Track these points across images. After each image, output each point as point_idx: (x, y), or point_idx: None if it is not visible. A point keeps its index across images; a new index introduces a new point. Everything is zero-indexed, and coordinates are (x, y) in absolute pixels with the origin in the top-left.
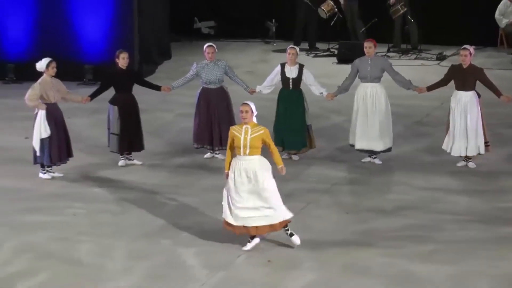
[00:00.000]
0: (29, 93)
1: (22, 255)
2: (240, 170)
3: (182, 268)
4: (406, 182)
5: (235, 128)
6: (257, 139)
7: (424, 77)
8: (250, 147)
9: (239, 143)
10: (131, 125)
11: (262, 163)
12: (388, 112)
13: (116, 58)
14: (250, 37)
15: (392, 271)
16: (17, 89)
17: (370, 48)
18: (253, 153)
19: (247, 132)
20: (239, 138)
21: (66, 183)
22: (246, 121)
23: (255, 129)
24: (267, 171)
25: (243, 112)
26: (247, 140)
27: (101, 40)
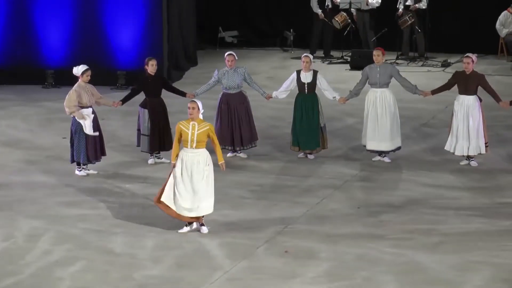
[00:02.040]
0: (67, 100)
1: (61, 246)
2: (187, 162)
3: (207, 257)
4: (413, 179)
5: (183, 124)
6: (203, 134)
7: (430, 82)
8: (197, 141)
9: (187, 138)
10: (160, 127)
11: (206, 156)
12: (397, 114)
13: (146, 65)
14: (270, 45)
15: (401, 260)
16: (56, 93)
17: (379, 56)
18: (199, 146)
19: (194, 127)
20: (187, 134)
21: (100, 180)
22: (192, 117)
23: (201, 125)
24: (208, 165)
25: (190, 108)
26: (194, 135)
27: (133, 48)
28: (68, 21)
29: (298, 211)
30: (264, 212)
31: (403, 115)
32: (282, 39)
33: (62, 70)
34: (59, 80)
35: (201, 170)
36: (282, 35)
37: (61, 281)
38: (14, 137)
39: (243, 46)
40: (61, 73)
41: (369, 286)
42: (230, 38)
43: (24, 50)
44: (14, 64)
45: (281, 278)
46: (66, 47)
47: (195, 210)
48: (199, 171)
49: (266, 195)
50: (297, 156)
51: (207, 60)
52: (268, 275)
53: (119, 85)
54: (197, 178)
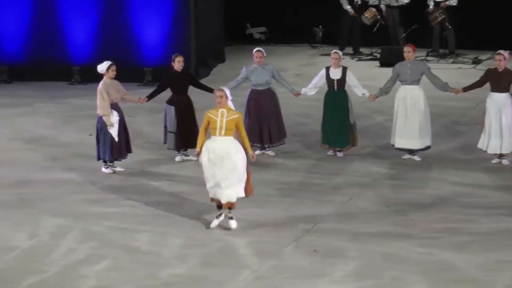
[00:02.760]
0: (100, 101)
1: (86, 243)
2: (215, 149)
3: (234, 256)
4: (443, 177)
5: (211, 112)
6: (232, 122)
7: (461, 80)
8: (226, 128)
9: (215, 125)
10: (187, 124)
11: (236, 143)
12: (427, 112)
13: (172, 62)
14: (298, 42)
15: (429, 260)
16: (82, 89)
17: (409, 53)
18: (227, 134)
19: (223, 115)
20: (216, 121)
21: (126, 177)
22: (221, 105)
23: (231, 113)
24: (239, 152)
25: (218, 97)
26: (223, 122)
27: (160, 44)
28: (94, 17)
29: (326, 209)
30: (292, 210)
31: (433, 112)
32: (311, 36)
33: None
34: (85, 77)
35: (229, 155)
36: (311, 32)
37: (86, 279)
38: (39, 134)
39: (271, 42)
40: (87, 70)
41: (397, 286)
42: (258, 34)
43: (50, 46)
44: (40, 61)
45: (309, 277)
46: (92, 44)
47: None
48: (229, 157)
49: (294, 193)
50: (326, 154)
51: (234, 57)
52: (296, 274)
53: (145, 82)
54: (227, 164)
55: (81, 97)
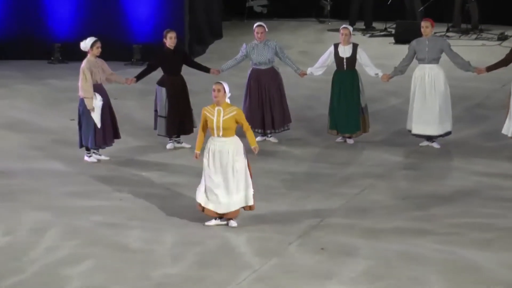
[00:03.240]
0: (82, 82)
1: (69, 241)
2: (214, 151)
3: (233, 255)
4: (465, 167)
5: (208, 109)
6: (230, 121)
7: (485, 58)
8: (223, 128)
9: (212, 125)
10: (180, 107)
11: (236, 145)
12: (447, 94)
13: (164, 38)
14: (304, 16)
15: (450, 259)
16: (63, 69)
17: (427, 28)
18: (226, 135)
19: (219, 114)
20: (212, 121)
21: (113, 167)
22: (217, 100)
23: (228, 110)
24: (239, 154)
25: (215, 91)
26: (220, 122)
27: (150, 18)
28: None
29: (335, 203)
30: (297, 204)
31: (454, 94)
32: (318, 9)
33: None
34: (66, 55)
35: (230, 160)
36: (318, 5)
37: (69, 280)
38: (17, 119)
39: (274, 17)
40: (68, 47)
41: (414, 287)
42: (259, 7)
43: (27, 21)
44: (17, 38)
45: (316, 278)
46: (74, 18)
47: (224, 206)
48: (228, 161)
49: (299, 185)
50: (335, 141)
51: (233, 33)
52: (301, 275)
53: (134, 61)
54: (226, 170)
55: (62, 77)
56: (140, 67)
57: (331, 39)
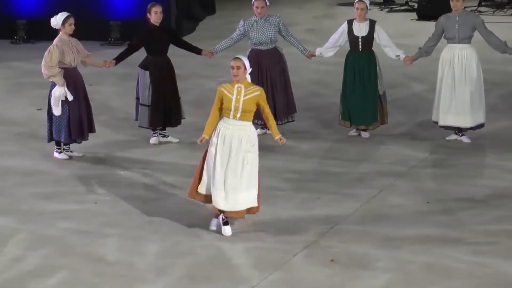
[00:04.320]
0: (46, 59)
1: (36, 251)
2: (225, 137)
3: (228, 267)
4: (500, 165)
5: (225, 86)
6: (251, 102)
7: None
8: (242, 110)
9: (230, 105)
10: (166, 95)
11: (251, 132)
12: (480, 79)
13: (148, 13)
14: None
15: (482, 271)
16: (29, 49)
17: (458, 2)
18: (245, 118)
19: (239, 92)
20: (230, 100)
21: (87, 165)
22: (237, 79)
23: (250, 89)
24: (253, 145)
25: (234, 68)
26: (240, 102)
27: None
28: None
29: (348, 206)
30: (303, 208)
31: (487, 80)
32: None
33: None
34: (32, 34)
35: (242, 150)
36: None
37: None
38: None
39: None
40: (35, 24)
41: None
42: None
43: None
44: None
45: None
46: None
47: (230, 202)
48: (240, 150)
49: (306, 186)
50: (348, 134)
51: (227, 8)
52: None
53: (111, 40)
54: (236, 160)
55: (28, 59)
56: (118, 47)
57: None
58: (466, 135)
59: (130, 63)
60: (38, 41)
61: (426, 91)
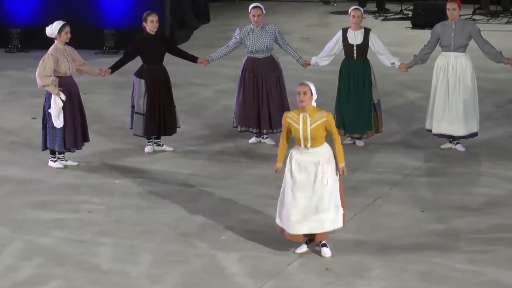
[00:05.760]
0: (40, 68)
1: (30, 260)
2: (300, 163)
3: (222, 276)
4: (495, 173)
5: (291, 116)
6: (319, 129)
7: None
8: (311, 139)
9: (298, 135)
10: (161, 103)
11: (326, 154)
12: (474, 88)
13: (144, 22)
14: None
15: (478, 280)
16: (23, 58)
17: (454, 10)
18: (316, 145)
19: (305, 122)
20: (297, 130)
21: (82, 174)
22: (304, 105)
23: (316, 117)
24: (330, 164)
25: (301, 94)
26: (307, 131)
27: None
28: None
29: None
30: None
31: (482, 88)
32: None
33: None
34: (27, 42)
35: (319, 173)
36: None
37: None
38: None
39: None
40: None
41: None
42: None
43: None
44: None
45: None
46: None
47: (313, 222)
48: (317, 174)
49: None
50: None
51: (222, 16)
52: None
53: (106, 49)
54: (314, 184)
55: (22, 68)
56: (113, 56)
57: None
58: (460, 144)
59: (125, 71)
60: (32, 50)
61: (420, 100)
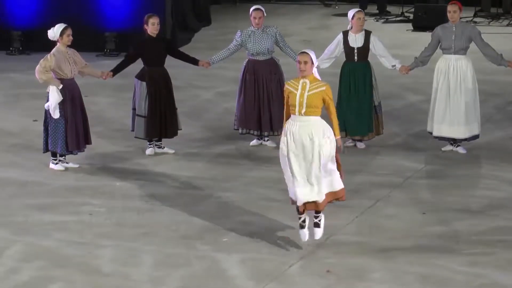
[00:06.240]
0: (40, 65)
1: (31, 262)
2: (294, 134)
3: (223, 279)
4: (496, 175)
5: (291, 83)
6: (316, 97)
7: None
8: (307, 106)
9: (294, 101)
10: (162, 106)
11: (321, 126)
12: (475, 91)
13: (145, 24)
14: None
15: (479, 283)
16: (24, 61)
17: (455, 13)
18: (310, 113)
19: (304, 87)
20: (294, 95)
21: (83, 176)
22: (304, 74)
23: (315, 85)
24: (325, 136)
25: (301, 63)
26: (304, 97)
27: (126, 2)
28: None
29: (343, 217)
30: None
31: (483, 90)
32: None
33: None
34: (28, 45)
35: (315, 145)
36: None
37: None
38: None
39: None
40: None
41: None
42: None
43: None
44: None
45: None
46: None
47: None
48: (312, 146)
49: None
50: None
51: (223, 18)
52: None
53: (107, 51)
54: (308, 156)
55: (23, 70)
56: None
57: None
58: (461, 146)
59: (127, 74)
60: (33, 52)
61: (421, 102)
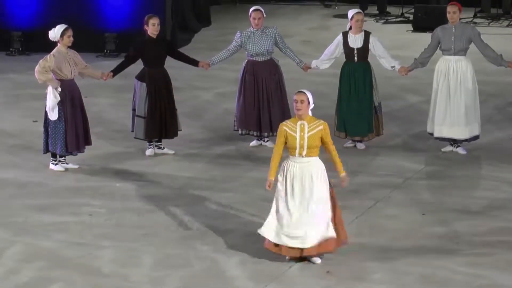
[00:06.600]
0: (40, 65)
1: (30, 263)
2: (295, 174)
3: (223, 279)
4: (497, 176)
5: (288, 125)
6: (315, 137)
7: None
8: (307, 147)
9: (294, 144)
10: (162, 106)
11: (319, 168)
12: (475, 91)
13: (145, 25)
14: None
15: (479, 283)
16: (24, 62)
17: (455, 14)
18: (311, 154)
19: (303, 129)
20: (294, 138)
21: (83, 176)
22: (300, 113)
23: (313, 125)
24: (323, 180)
25: (298, 102)
26: (304, 139)
27: (125, 3)
28: None
29: (344, 218)
30: None
31: (483, 91)
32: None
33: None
34: (28, 46)
35: (314, 186)
36: None
37: None
38: None
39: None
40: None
41: None
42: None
43: None
44: None
45: None
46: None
47: (300, 238)
48: (311, 187)
49: None
50: (343, 145)
51: (223, 19)
52: None
53: (107, 52)
54: (306, 197)
55: (23, 71)
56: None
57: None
58: (462, 147)
59: (126, 74)
60: (33, 53)
61: (421, 103)
